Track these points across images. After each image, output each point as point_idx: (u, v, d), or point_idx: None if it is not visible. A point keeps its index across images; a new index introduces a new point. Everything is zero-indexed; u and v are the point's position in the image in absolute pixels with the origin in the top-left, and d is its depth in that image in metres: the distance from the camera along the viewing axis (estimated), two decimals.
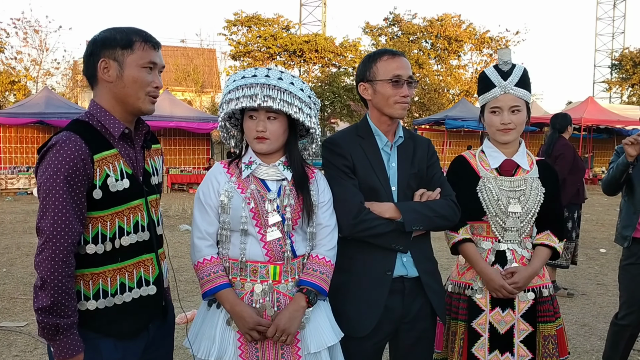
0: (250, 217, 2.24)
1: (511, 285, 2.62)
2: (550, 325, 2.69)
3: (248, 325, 2.18)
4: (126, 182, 2.03)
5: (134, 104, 2.05)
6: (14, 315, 5.49)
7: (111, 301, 2.02)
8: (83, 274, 1.99)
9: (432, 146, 2.72)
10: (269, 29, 27.96)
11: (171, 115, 17.96)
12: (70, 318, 1.90)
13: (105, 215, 1.99)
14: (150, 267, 2.12)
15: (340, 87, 25.70)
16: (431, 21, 30.91)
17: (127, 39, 2.03)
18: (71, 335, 1.91)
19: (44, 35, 26.47)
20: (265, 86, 2.20)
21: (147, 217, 2.11)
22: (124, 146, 2.08)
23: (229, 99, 2.26)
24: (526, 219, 2.69)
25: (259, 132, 2.24)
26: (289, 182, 2.31)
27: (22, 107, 17.43)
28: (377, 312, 2.48)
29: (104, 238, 1.99)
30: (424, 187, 2.57)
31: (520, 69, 2.69)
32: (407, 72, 2.52)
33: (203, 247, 2.28)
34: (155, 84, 2.07)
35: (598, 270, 7.64)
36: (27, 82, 26.72)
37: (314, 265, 2.32)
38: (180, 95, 28.42)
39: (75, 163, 1.89)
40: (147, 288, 2.10)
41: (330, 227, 2.37)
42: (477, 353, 2.68)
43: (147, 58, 2.03)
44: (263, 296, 2.25)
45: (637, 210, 3.60)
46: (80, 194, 1.92)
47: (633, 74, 33.48)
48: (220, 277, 2.25)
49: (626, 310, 3.70)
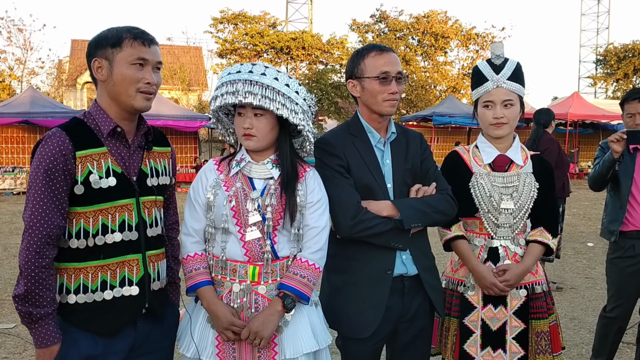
0: (230, 215, 2.21)
1: (503, 283, 2.61)
2: (543, 321, 2.69)
3: (222, 324, 2.18)
4: (112, 180, 2.04)
5: (126, 101, 2.07)
6: (2, 316, 5.43)
7: (91, 297, 2.05)
8: (67, 268, 2.05)
9: (424, 140, 2.69)
10: (256, 26, 27.88)
11: (158, 113, 17.81)
12: (44, 308, 1.96)
13: (88, 212, 2.03)
14: (134, 268, 2.11)
15: (328, 85, 25.67)
16: (418, 18, 30.98)
17: (117, 37, 2.05)
18: (46, 325, 1.97)
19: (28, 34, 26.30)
20: (247, 82, 2.17)
21: (136, 217, 2.11)
22: (115, 145, 2.10)
23: (215, 96, 2.25)
24: (519, 216, 2.68)
25: (246, 128, 2.23)
26: (276, 181, 2.27)
27: (6, 107, 17.20)
28: (379, 313, 2.45)
29: (86, 234, 2.03)
30: (419, 182, 2.55)
31: (513, 63, 2.68)
32: (396, 68, 2.48)
33: (188, 243, 2.29)
34: (147, 79, 2.06)
35: (586, 264, 7.69)
36: (12, 82, 26.46)
37: (295, 269, 2.23)
38: (167, 93, 28.25)
39: (56, 158, 1.96)
40: (129, 288, 2.10)
41: (318, 228, 2.27)
42: (469, 349, 2.68)
43: (135, 55, 2.04)
44: (241, 296, 2.22)
45: (623, 204, 3.63)
46: (60, 188, 1.97)
47: (617, 69, 33.75)
48: (201, 274, 2.25)
49: (614, 303, 3.76)
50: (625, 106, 3.74)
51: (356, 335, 2.47)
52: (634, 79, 33.65)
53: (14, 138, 17.91)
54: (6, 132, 17.72)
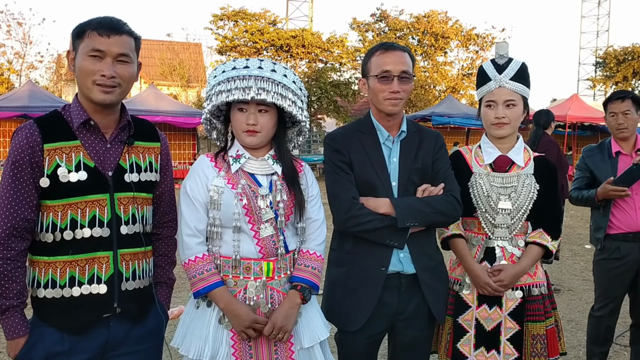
0: (243, 213, 2.19)
1: (496, 283, 2.60)
2: (539, 324, 2.67)
3: (244, 323, 2.14)
4: (83, 174, 2.00)
5: (86, 93, 2.02)
6: None
7: (59, 293, 2.02)
8: (38, 261, 2.03)
9: (440, 140, 2.64)
10: (256, 23, 27.80)
11: (157, 109, 17.81)
12: (10, 300, 1.95)
13: (57, 205, 2.00)
14: (104, 266, 2.05)
15: (327, 83, 25.60)
16: (418, 17, 30.93)
17: (81, 27, 2.00)
18: (13, 317, 1.97)
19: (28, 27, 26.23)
20: (259, 78, 2.14)
21: (109, 213, 2.05)
22: (90, 138, 2.05)
23: (218, 91, 2.18)
24: (517, 216, 2.66)
25: (250, 125, 2.19)
26: (280, 176, 2.26)
27: (5, 101, 17.15)
28: (369, 307, 2.46)
29: (54, 228, 2.00)
30: (428, 182, 2.53)
31: (517, 63, 2.66)
32: (399, 67, 2.45)
33: (193, 244, 2.21)
34: (102, 72, 1.97)
35: (583, 266, 7.69)
36: (10, 76, 26.38)
37: (305, 261, 2.30)
38: (166, 89, 28.21)
39: (23, 150, 1.94)
40: (97, 286, 2.04)
41: (319, 220, 2.35)
42: (462, 349, 2.67)
43: (90, 46, 1.97)
44: (257, 293, 2.21)
45: (606, 213, 3.72)
46: (27, 181, 1.95)
47: (617, 72, 33.73)
48: (214, 275, 2.18)
49: (601, 302, 3.89)
50: (609, 106, 3.81)
51: (346, 327, 2.50)
52: (633, 81, 33.65)
53: (11, 132, 17.77)
54: (4, 126, 17.68)
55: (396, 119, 2.56)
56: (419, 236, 2.50)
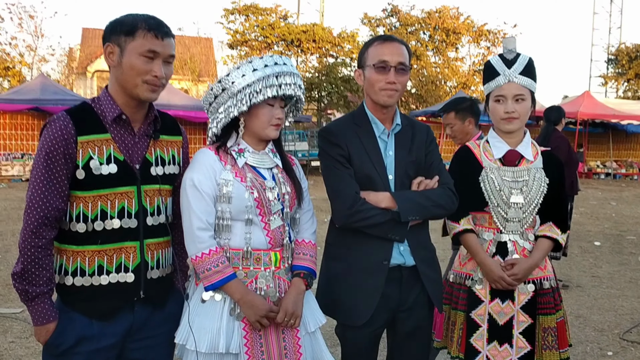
0: (254, 206, 2.23)
1: (510, 277, 2.62)
2: (551, 317, 2.69)
3: (261, 312, 2.17)
4: (113, 167, 2.06)
5: (132, 90, 2.06)
6: (10, 302, 5.48)
7: (88, 281, 2.08)
8: (66, 249, 2.08)
9: (431, 133, 2.66)
10: (267, 18, 27.81)
11: (168, 104, 17.85)
12: (40, 287, 2.01)
13: (88, 196, 2.04)
14: (131, 255, 2.12)
15: (338, 78, 25.60)
16: (429, 13, 30.80)
17: (132, 25, 2.03)
18: (42, 304, 2.02)
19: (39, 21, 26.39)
20: (293, 74, 2.25)
21: (137, 205, 2.11)
22: (120, 132, 2.10)
23: (257, 90, 2.18)
24: (528, 210, 2.68)
25: (279, 119, 2.28)
26: (279, 169, 2.34)
27: (17, 94, 17.26)
28: (374, 301, 2.48)
29: (85, 218, 2.05)
30: (422, 174, 2.54)
31: (525, 58, 2.67)
32: (397, 58, 2.45)
33: (206, 237, 2.20)
34: (154, 72, 2.04)
35: (592, 263, 7.67)
36: (22, 68, 26.56)
37: (304, 250, 2.38)
38: (177, 84, 28.29)
39: (58, 142, 1.98)
40: (125, 275, 2.11)
41: (310, 211, 2.45)
42: (475, 343, 2.69)
43: (146, 46, 2.03)
44: (267, 283, 2.25)
45: None
46: (60, 171, 2.00)
47: (629, 69, 33.45)
48: (228, 267, 2.20)
49: None
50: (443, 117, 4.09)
51: (352, 322, 2.52)
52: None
53: (23, 125, 17.91)
54: (16, 119, 17.73)
55: (390, 112, 2.56)
56: (416, 229, 2.52)
